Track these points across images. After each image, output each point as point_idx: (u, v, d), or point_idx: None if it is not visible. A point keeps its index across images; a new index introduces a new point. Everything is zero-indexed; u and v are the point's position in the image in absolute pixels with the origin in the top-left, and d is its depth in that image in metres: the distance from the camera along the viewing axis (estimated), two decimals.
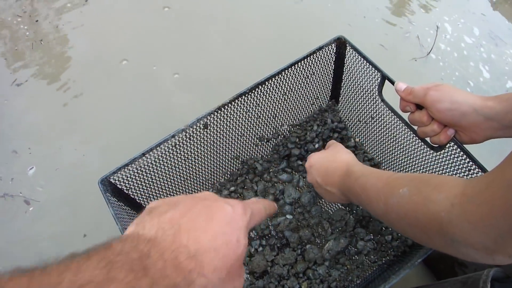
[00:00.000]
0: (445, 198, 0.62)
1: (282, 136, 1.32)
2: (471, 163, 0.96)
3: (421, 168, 1.15)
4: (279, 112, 1.26)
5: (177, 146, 1.08)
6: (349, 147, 1.31)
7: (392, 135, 1.19)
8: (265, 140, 1.29)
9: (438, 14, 1.98)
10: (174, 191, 1.21)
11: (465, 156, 0.96)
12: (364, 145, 1.33)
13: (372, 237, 1.20)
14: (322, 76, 1.25)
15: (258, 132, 1.27)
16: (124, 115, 1.62)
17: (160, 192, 1.17)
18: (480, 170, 0.95)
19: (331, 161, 1.00)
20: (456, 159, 1.00)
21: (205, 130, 1.10)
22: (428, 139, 0.99)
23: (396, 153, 1.22)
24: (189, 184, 1.22)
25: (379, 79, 1.08)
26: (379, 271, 1.12)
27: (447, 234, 0.62)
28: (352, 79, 1.22)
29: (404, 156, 1.19)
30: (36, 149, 1.54)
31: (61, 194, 1.44)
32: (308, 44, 1.18)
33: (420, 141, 1.06)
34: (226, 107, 1.10)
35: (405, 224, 0.72)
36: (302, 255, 1.18)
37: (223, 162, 1.26)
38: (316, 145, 1.30)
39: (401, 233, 0.84)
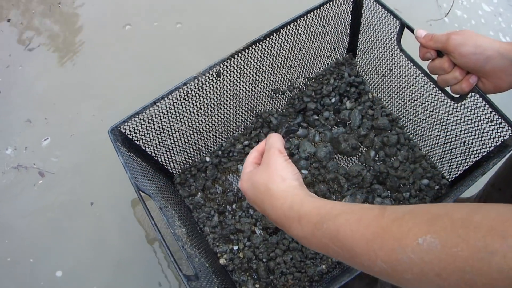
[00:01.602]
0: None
1: (297, 89, 1.29)
2: (493, 112, 0.92)
3: (442, 121, 1.11)
4: (294, 64, 1.22)
5: (189, 95, 1.05)
6: (366, 102, 1.28)
7: (411, 87, 1.15)
8: (280, 93, 1.26)
9: None
10: (186, 144, 1.18)
11: (487, 106, 0.92)
12: (382, 99, 1.29)
13: (389, 194, 1.18)
14: (339, 27, 1.21)
15: (273, 84, 1.24)
16: (140, 78, 1.59)
17: (173, 145, 1.15)
18: (503, 121, 0.91)
19: (265, 193, 0.70)
20: (477, 109, 0.96)
21: (218, 79, 1.08)
22: (448, 89, 0.96)
23: (414, 106, 1.18)
24: (202, 137, 1.20)
25: (398, 28, 1.05)
26: None
27: None
28: (370, 30, 1.18)
29: (423, 109, 1.16)
30: (51, 118, 1.52)
31: (73, 163, 1.42)
32: None
33: (440, 91, 1.03)
34: (240, 54, 1.06)
35: (434, 287, 0.48)
36: None
37: (237, 114, 1.23)
38: (333, 99, 1.27)
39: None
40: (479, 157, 1.01)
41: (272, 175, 0.69)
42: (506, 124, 0.90)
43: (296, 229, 0.63)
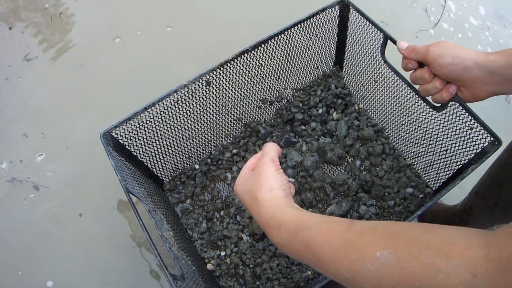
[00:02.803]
0: (461, 266, 0.46)
1: (285, 99, 1.32)
2: (473, 120, 0.95)
3: (425, 131, 1.14)
4: (282, 75, 1.26)
5: (179, 102, 1.08)
6: (352, 113, 1.31)
7: (395, 98, 1.19)
8: (268, 103, 1.29)
9: None
10: (176, 151, 1.21)
11: (467, 114, 0.96)
12: (368, 111, 1.33)
13: (374, 202, 1.20)
14: (326, 39, 1.25)
15: (261, 94, 1.27)
16: (135, 90, 1.61)
17: (163, 151, 1.18)
18: (482, 128, 0.94)
19: (252, 199, 0.74)
20: (458, 118, 0.99)
21: (208, 87, 1.11)
22: (430, 98, 0.99)
23: (399, 117, 1.21)
24: (191, 145, 1.23)
25: (382, 40, 1.08)
26: None
27: None
28: (355, 43, 1.22)
29: (407, 119, 1.19)
30: (48, 131, 1.53)
31: (67, 176, 1.43)
32: (311, 9, 1.18)
33: (422, 101, 1.06)
34: (229, 64, 1.10)
35: None
36: None
37: (226, 123, 1.26)
38: (320, 110, 1.30)
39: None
40: (461, 165, 1.04)
41: (261, 184, 0.73)
42: (485, 131, 0.93)
43: (276, 236, 0.68)
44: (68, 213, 1.36)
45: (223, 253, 1.16)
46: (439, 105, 1.00)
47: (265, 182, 0.73)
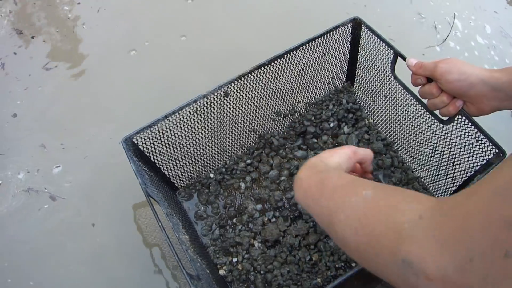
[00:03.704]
0: (414, 209, 0.54)
1: (298, 113, 1.37)
2: (478, 133, 0.99)
3: (432, 144, 1.18)
4: (296, 89, 1.31)
5: (198, 112, 1.13)
6: (362, 127, 1.35)
7: (404, 112, 1.23)
8: (282, 116, 1.34)
9: (448, 9, 1.95)
10: (192, 160, 1.26)
11: (473, 127, 0.99)
12: (377, 125, 1.37)
13: None
14: (338, 56, 1.30)
15: (276, 107, 1.32)
16: (153, 102, 1.60)
17: (180, 159, 1.23)
18: (488, 141, 0.98)
19: (315, 160, 0.85)
20: (464, 131, 1.03)
21: (226, 98, 1.16)
22: (437, 112, 1.04)
23: (407, 131, 1.25)
24: (207, 154, 1.28)
25: (392, 57, 1.13)
26: None
27: (400, 252, 0.51)
28: (366, 60, 1.27)
29: (415, 133, 1.23)
30: (66, 141, 1.53)
31: (83, 186, 1.44)
32: (322, 26, 1.22)
33: (430, 115, 1.10)
34: (246, 77, 1.15)
35: (352, 229, 0.61)
36: (314, 227, 1.22)
37: (241, 134, 1.31)
38: (331, 124, 1.35)
39: (339, 243, 0.67)
40: (467, 177, 1.07)
41: (333, 152, 0.84)
42: (490, 144, 0.97)
43: (304, 172, 0.81)
44: (82, 223, 1.36)
45: (235, 259, 1.20)
46: (446, 118, 1.04)
47: (335, 151, 0.85)
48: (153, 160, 1.16)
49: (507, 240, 0.41)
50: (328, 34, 1.20)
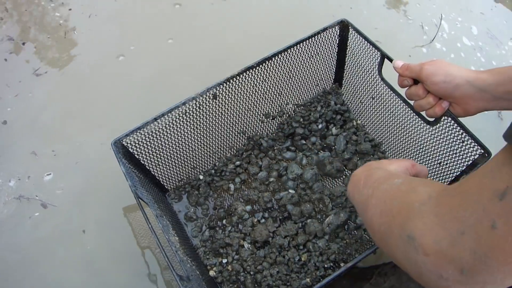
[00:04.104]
0: (426, 191, 0.57)
1: (287, 115, 1.38)
2: (464, 134, 1.01)
3: (419, 145, 1.20)
4: (284, 90, 1.32)
5: (187, 114, 1.14)
6: (350, 128, 1.37)
7: (391, 113, 1.24)
8: (271, 118, 1.35)
9: (434, 11, 1.97)
10: (182, 161, 1.27)
11: (459, 128, 1.01)
12: (365, 126, 1.38)
13: None
14: (326, 58, 1.32)
15: (264, 109, 1.33)
16: (143, 106, 1.57)
17: (169, 161, 1.23)
18: (473, 141, 0.99)
19: (370, 167, 0.87)
20: (450, 131, 1.05)
21: (214, 101, 1.16)
22: (424, 113, 1.05)
23: (395, 131, 1.27)
24: (196, 156, 1.28)
25: (379, 58, 1.14)
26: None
27: (407, 228, 0.55)
28: (354, 62, 1.28)
29: (402, 134, 1.24)
30: (58, 148, 1.52)
31: (74, 193, 1.42)
32: (308, 28, 1.23)
33: (417, 116, 1.12)
34: (235, 79, 1.16)
35: (378, 212, 0.65)
36: (303, 228, 1.23)
37: (230, 136, 1.32)
38: (320, 126, 1.36)
39: (368, 228, 0.71)
40: (453, 177, 1.09)
41: (393, 161, 0.87)
42: (476, 144, 0.98)
43: (361, 169, 0.85)
44: (73, 230, 1.36)
45: (225, 260, 1.20)
46: (432, 120, 1.05)
47: (394, 160, 0.92)
48: (143, 162, 1.17)
49: (494, 210, 0.44)
50: (316, 36, 1.21)
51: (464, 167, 1.05)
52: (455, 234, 0.47)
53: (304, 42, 1.20)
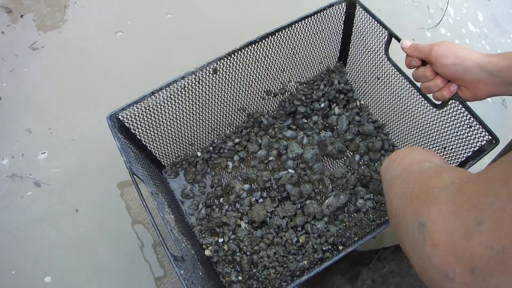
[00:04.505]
0: (449, 177, 0.53)
1: (289, 92, 1.34)
2: (472, 119, 0.98)
3: (424, 128, 1.17)
4: (287, 67, 1.28)
5: (186, 89, 1.10)
6: (353, 108, 1.33)
7: (397, 95, 1.21)
8: (272, 95, 1.31)
9: None
10: (179, 138, 1.23)
11: (466, 113, 0.98)
12: (369, 107, 1.35)
13: (372, 196, 1.22)
14: (331, 35, 1.28)
15: (266, 86, 1.29)
16: (143, 84, 1.51)
17: (167, 137, 1.20)
18: (481, 127, 0.96)
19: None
20: (457, 116, 1.02)
21: (214, 75, 1.13)
22: (431, 96, 1.02)
23: (399, 114, 1.24)
24: (194, 132, 1.25)
25: (386, 38, 1.11)
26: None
27: (421, 213, 0.50)
28: (360, 40, 1.25)
29: (407, 116, 1.21)
30: (53, 126, 1.49)
31: (69, 171, 1.41)
32: (313, 6, 1.18)
33: (423, 98, 1.09)
34: (236, 54, 1.12)
35: (399, 193, 0.61)
36: (301, 209, 1.20)
37: (230, 112, 1.29)
38: (322, 105, 1.32)
39: (388, 206, 0.67)
40: (458, 162, 1.06)
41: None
42: (484, 130, 0.95)
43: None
44: (66, 209, 1.34)
45: (221, 240, 1.18)
46: (439, 103, 1.02)
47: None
48: (139, 138, 1.13)
49: None
50: (322, 12, 1.17)
51: (470, 152, 1.02)
52: (471, 225, 0.41)
53: (309, 18, 1.16)
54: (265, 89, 1.30)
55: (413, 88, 1.10)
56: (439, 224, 0.45)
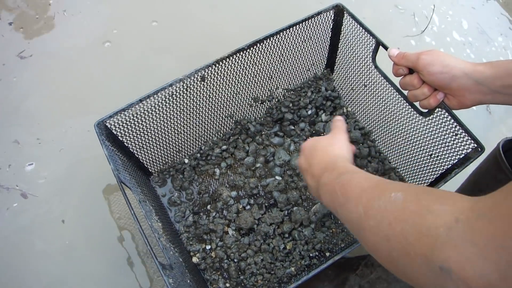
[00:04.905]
0: (449, 211, 0.49)
1: (276, 99, 1.35)
2: (458, 127, 0.99)
3: (411, 135, 1.18)
4: (275, 75, 1.29)
5: (174, 96, 1.10)
6: (340, 115, 1.34)
7: (383, 103, 1.22)
8: (260, 102, 1.31)
9: (426, 2, 1.95)
10: (167, 145, 1.23)
11: (452, 121, 0.99)
12: (356, 114, 1.36)
13: None
14: (319, 43, 1.28)
15: (253, 93, 1.30)
16: (131, 94, 1.50)
17: (154, 144, 1.20)
18: (467, 135, 0.97)
19: (321, 150, 0.86)
20: (444, 124, 1.03)
21: (202, 83, 1.13)
22: (417, 104, 1.02)
23: (386, 121, 1.25)
24: (182, 139, 1.25)
25: (373, 46, 1.12)
26: None
27: (437, 258, 0.48)
28: (347, 48, 1.25)
29: (394, 124, 1.22)
30: (43, 135, 1.47)
31: (56, 181, 1.39)
32: (299, 14, 1.19)
33: (410, 106, 1.09)
34: (224, 61, 1.12)
35: (383, 236, 0.58)
36: (289, 216, 1.21)
37: (217, 119, 1.29)
38: (309, 111, 1.33)
39: (370, 250, 0.64)
40: (444, 170, 1.07)
41: (335, 142, 0.87)
42: (469, 138, 0.96)
43: (325, 176, 0.77)
44: (53, 220, 1.32)
45: (208, 247, 1.18)
46: (426, 111, 1.03)
47: (338, 144, 0.86)
48: (127, 145, 1.13)
49: None
50: (310, 20, 1.18)
51: (456, 160, 1.03)
52: (507, 267, 0.40)
53: (297, 26, 1.17)
54: (253, 96, 1.30)
55: (400, 96, 1.10)
56: (468, 269, 0.44)
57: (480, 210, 0.46)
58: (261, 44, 1.15)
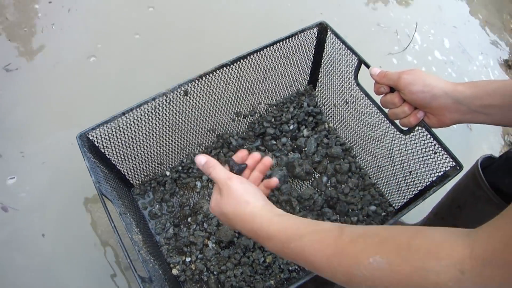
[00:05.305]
0: (450, 265, 0.50)
1: (258, 114, 1.36)
2: (437, 145, 1.00)
3: (391, 152, 1.20)
4: (257, 90, 1.30)
5: (156, 109, 1.11)
6: (322, 131, 1.36)
7: (364, 120, 1.24)
8: (242, 116, 1.33)
9: (408, 21, 1.98)
10: (149, 157, 1.23)
11: (432, 139, 1.01)
12: (337, 130, 1.38)
13: (338, 217, 1.24)
14: (302, 59, 1.30)
15: (236, 107, 1.31)
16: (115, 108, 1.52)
17: (136, 156, 1.20)
18: (445, 153, 0.99)
19: (233, 216, 0.76)
20: (423, 142, 1.04)
21: (185, 97, 1.13)
22: (398, 122, 1.04)
23: (367, 138, 1.27)
24: (164, 152, 1.25)
25: (356, 64, 1.13)
26: None
27: None
28: (330, 65, 1.27)
29: (374, 140, 1.24)
30: (27, 149, 1.46)
31: (38, 197, 1.38)
32: (280, 32, 1.20)
33: (390, 124, 1.11)
34: (207, 76, 1.13)
35: None
36: None
37: (199, 133, 1.29)
38: (291, 126, 1.34)
39: None
40: (423, 187, 1.09)
41: (236, 202, 0.76)
42: (448, 156, 0.98)
43: (269, 246, 0.72)
44: (33, 234, 1.31)
45: (188, 259, 1.18)
46: (406, 129, 1.05)
47: (239, 199, 0.76)
48: (109, 157, 1.13)
49: None
50: (294, 37, 1.19)
51: (435, 177, 1.05)
52: None
53: (281, 42, 1.18)
54: (235, 111, 1.31)
55: (380, 114, 1.12)
56: None
57: (483, 257, 0.48)
58: (245, 60, 1.16)
